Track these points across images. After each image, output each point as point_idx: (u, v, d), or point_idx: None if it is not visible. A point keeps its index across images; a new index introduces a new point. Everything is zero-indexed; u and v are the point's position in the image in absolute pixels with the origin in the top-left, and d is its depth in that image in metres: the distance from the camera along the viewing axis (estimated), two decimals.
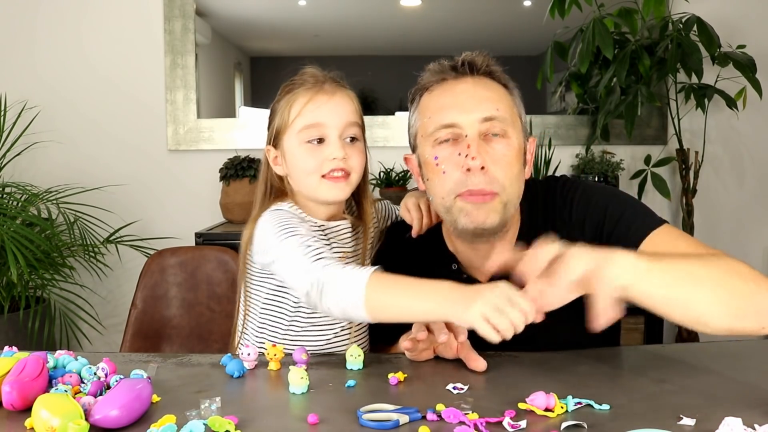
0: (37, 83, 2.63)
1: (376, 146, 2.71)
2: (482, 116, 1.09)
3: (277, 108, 1.21)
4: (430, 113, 1.13)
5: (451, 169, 1.09)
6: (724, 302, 0.89)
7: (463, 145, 1.08)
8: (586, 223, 1.13)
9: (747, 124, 2.65)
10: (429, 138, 1.12)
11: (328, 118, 1.16)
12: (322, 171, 1.15)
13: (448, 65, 1.15)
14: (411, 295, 0.95)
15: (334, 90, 1.19)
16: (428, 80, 1.16)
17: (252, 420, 0.84)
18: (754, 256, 2.69)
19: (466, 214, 1.08)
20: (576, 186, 1.17)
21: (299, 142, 1.16)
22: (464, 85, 1.12)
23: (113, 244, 2.50)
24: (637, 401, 0.89)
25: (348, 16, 2.76)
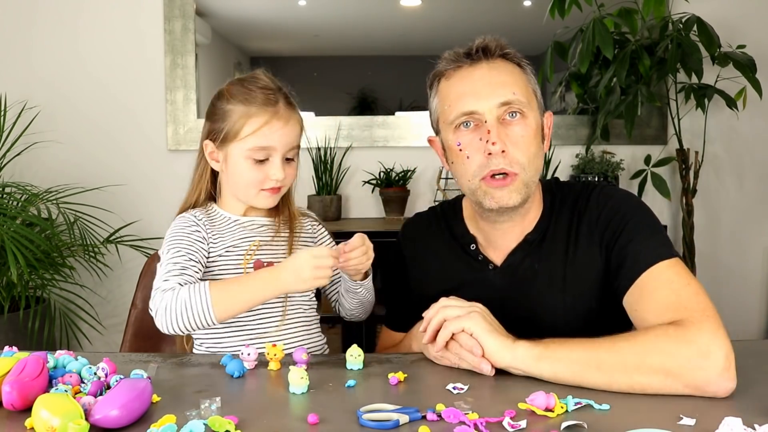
0: (37, 83, 2.63)
1: (376, 146, 2.71)
2: (499, 101, 1.14)
3: (228, 110, 1.25)
4: (449, 101, 1.18)
5: (474, 153, 1.15)
6: (616, 387, 0.93)
7: (483, 131, 1.14)
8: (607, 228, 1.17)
9: (747, 124, 2.64)
10: (450, 125, 1.18)
11: (278, 144, 1.24)
12: (264, 186, 1.26)
13: (462, 52, 1.19)
14: (251, 288, 1.15)
15: (289, 115, 1.26)
16: (444, 67, 1.20)
17: (252, 420, 0.84)
18: (754, 256, 2.69)
19: (491, 196, 1.15)
20: (613, 192, 1.22)
21: (245, 156, 1.24)
22: (480, 71, 1.17)
23: (113, 244, 2.50)
24: (637, 401, 0.89)
25: (348, 16, 2.76)
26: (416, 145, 2.69)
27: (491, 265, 1.24)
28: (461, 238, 1.27)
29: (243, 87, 1.26)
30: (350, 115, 2.74)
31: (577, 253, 1.19)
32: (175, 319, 1.13)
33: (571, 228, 1.21)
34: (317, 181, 2.62)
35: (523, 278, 1.21)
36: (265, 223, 1.32)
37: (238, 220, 1.30)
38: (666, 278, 1.06)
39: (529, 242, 1.22)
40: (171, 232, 1.27)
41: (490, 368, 0.99)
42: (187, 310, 1.12)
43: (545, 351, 0.97)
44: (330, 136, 2.67)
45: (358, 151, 2.70)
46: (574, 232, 1.20)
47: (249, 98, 1.24)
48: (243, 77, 1.30)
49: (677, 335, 0.94)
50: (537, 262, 1.21)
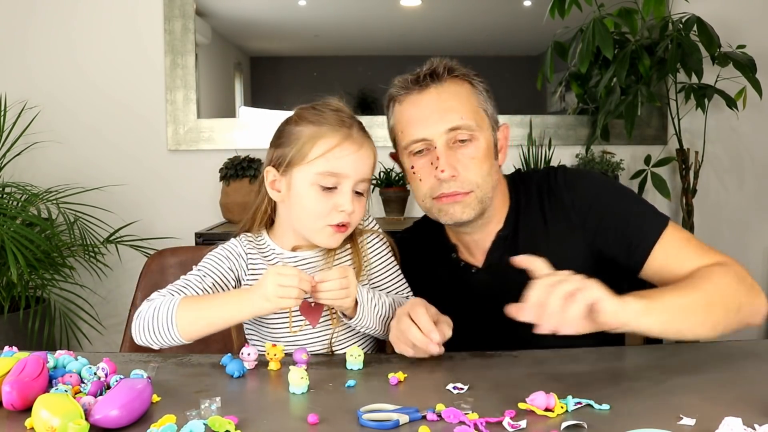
0: (37, 83, 2.63)
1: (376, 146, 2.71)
2: (447, 127, 1.17)
3: (294, 134, 1.16)
4: (401, 127, 1.22)
5: (426, 176, 1.20)
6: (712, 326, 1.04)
7: (433, 156, 1.18)
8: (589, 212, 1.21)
9: (747, 124, 2.65)
10: (405, 149, 1.22)
11: (351, 171, 1.14)
12: (330, 220, 1.14)
13: (410, 79, 1.23)
14: (215, 306, 1.09)
15: (362, 141, 1.17)
16: (396, 93, 1.24)
17: (252, 420, 0.84)
18: (754, 256, 2.69)
19: (444, 213, 1.20)
20: (582, 174, 1.27)
21: (311, 183, 1.14)
22: (428, 97, 1.20)
23: (113, 244, 2.50)
24: (637, 401, 0.89)
25: (348, 16, 2.76)
26: None
27: (473, 268, 1.28)
28: (443, 247, 1.31)
29: (314, 109, 1.18)
30: None
31: (557, 239, 1.22)
32: (142, 329, 1.09)
33: (543, 214, 1.24)
34: None
35: (507, 273, 1.19)
36: (311, 259, 1.21)
37: (282, 253, 1.21)
38: (680, 239, 1.18)
39: (503, 238, 1.25)
40: (209, 254, 1.21)
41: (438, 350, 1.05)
42: (154, 322, 1.07)
43: (650, 303, 0.97)
44: None
45: None
46: (548, 218, 1.24)
47: (320, 119, 1.15)
48: (315, 103, 1.20)
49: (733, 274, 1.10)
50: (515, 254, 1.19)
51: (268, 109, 2.74)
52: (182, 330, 1.07)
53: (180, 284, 1.15)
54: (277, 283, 1.01)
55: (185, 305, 1.08)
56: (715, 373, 1.00)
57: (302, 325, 1.19)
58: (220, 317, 1.08)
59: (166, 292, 1.13)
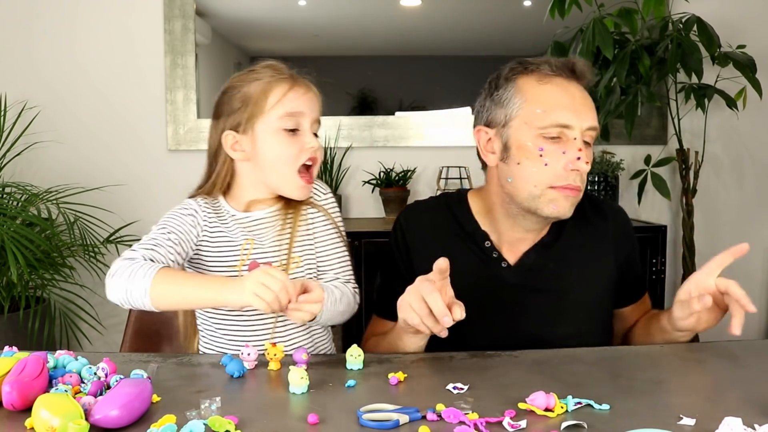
0: (37, 83, 2.63)
1: (376, 146, 2.71)
2: (590, 125, 1.19)
3: (244, 95, 1.22)
4: (544, 106, 1.18)
5: (554, 162, 1.16)
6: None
7: (571, 147, 1.17)
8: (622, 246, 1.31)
9: (747, 124, 2.65)
10: (535, 128, 1.18)
11: (307, 109, 1.23)
12: (300, 160, 1.22)
13: (559, 63, 1.21)
14: (192, 285, 1.10)
15: (308, 84, 1.26)
16: (541, 69, 1.21)
17: (252, 420, 0.84)
18: (754, 256, 2.69)
19: (555, 204, 1.18)
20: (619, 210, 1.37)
21: (275, 130, 1.21)
22: (578, 90, 1.20)
23: (113, 244, 2.50)
24: (637, 401, 0.89)
25: (348, 16, 2.76)
26: (416, 145, 2.69)
27: (505, 262, 1.26)
28: (474, 233, 1.27)
29: (250, 72, 1.25)
30: (350, 115, 2.74)
31: (590, 255, 1.27)
32: (117, 289, 1.10)
33: (584, 231, 1.28)
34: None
35: (538, 276, 1.25)
36: (262, 218, 1.27)
37: (235, 215, 1.27)
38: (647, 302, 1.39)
39: (545, 244, 1.26)
40: (169, 213, 1.25)
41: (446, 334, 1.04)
42: (130, 284, 1.09)
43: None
44: (330, 136, 2.67)
45: (358, 151, 2.70)
46: (588, 236, 1.28)
47: (263, 75, 1.23)
48: (246, 69, 1.27)
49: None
50: (552, 261, 1.25)
51: None
52: (154, 300, 1.09)
53: (149, 244, 1.17)
54: (259, 281, 1.01)
55: (162, 278, 1.08)
56: (715, 373, 1.00)
57: None
58: (192, 298, 1.10)
59: (139, 253, 1.14)
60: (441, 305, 1.00)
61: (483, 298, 1.22)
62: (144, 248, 1.15)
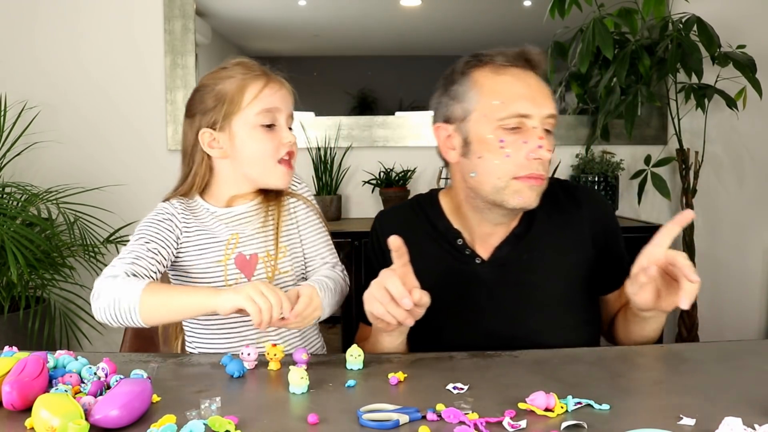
0: (37, 83, 2.63)
1: (376, 146, 2.71)
2: (549, 112, 1.19)
3: (219, 93, 1.22)
4: (501, 98, 1.17)
5: (516, 153, 1.16)
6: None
7: (531, 136, 1.16)
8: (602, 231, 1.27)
9: (747, 124, 2.64)
10: (494, 120, 1.17)
11: (282, 105, 1.24)
12: (279, 155, 1.23)
13: (513, 53, 1.20)
14: (181, 294, 1.09)
15: (281, 80, 1.27)
16: (495, 60, 1.20)
17: (252, 420, 0.84)
18: (754, 256, 2.69)
19: (520, 195, 1.17)
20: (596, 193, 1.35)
21: (253, 126, 1.22)
22: (531, 79, 1.19)
23: (113, 244, 2.49)
24: (637, 401, 0.89)
25: (348, 16, 2.76)
26: (416, 145, 2.69)
27: (478, 258, 1.25)
28: (446, 232, 1.27)
29: (222, 70, 1.26)
30: (350, 115, 2.74)
31: (565, 243, 1.26)
32: (104, 309, 1.10)
33: (556, 220, 1.26)
34: (317, 181, 2.62)
35: (513, 269, 1.24)
36: (243, 213, 1.27)
37: (215, 211, 1.27)
38: None
39: (516, 236, 1.25)
40: (144, 220, 1.24)
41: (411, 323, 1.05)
42: (117, 304, 1.08)
43: None
44: (330, 136, 2.67)
45: (358, 151, 2.70)
46: (561, 224, 1.26)
47: (237, 73, 1.23)
48: (218, 67, 1.27)
49: None
50: (525, 253, 1.24)
51: None
52: (144, 316, 1.08)
53: (130, 258, 1.15)
54: (258, 288, 1.03)
55: (150, 293, 1.07)
56: (715, 373, 1.00)
57: (238, 279, 1.24)
58: (182, 308, 1.08)
59: (120, 269, 1.12)
60: (399, 287, 1.01)
61: (459, 296, 1.23)
62: (125, 263, 1.14)
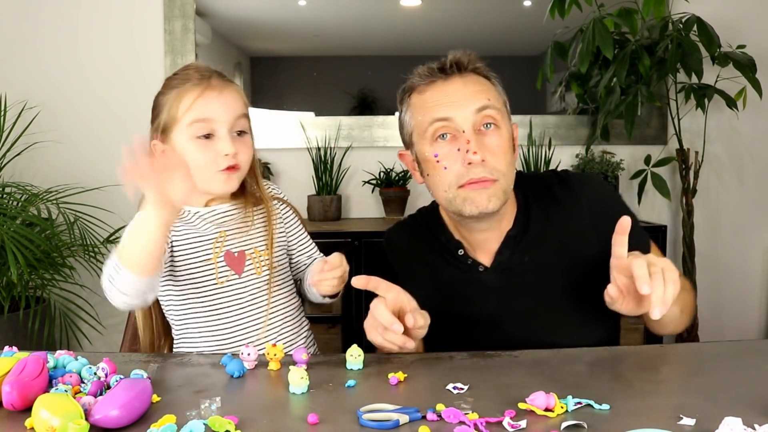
0: (37, 83, 2.63)
1: (376, 146, 2.71)
2: (475, 107, 1.16)
3: (163, 102, 1.22)
4: (423, 111, 1.19)
5: (452, 163, 1.16)
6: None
7: (461, 141, 1.15)
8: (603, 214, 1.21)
9: (747, 124, 2.65)
10: (425, 135, 1.18)
11: (218, 114, 1.20)
12: (218, 167, 1.20)
13: (436, 67, 1.20)
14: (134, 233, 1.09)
15: (222, 85, 1.22)
16: (417, 82, 1.21)
17: (252, 420, 0.84)
18: (754, 256, 2.69)
19: (471, 201, 1.16)
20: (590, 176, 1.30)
21: (189, 138, 1.20)
22: (454, 85, 1.18)
23: (113, 244, 2.49)
24: (637, 401, 0.89)
25: (348, 16, 2.76)
26: None
27: (481, 266, 1.25)
28: (447, 243, 1.28)
29: (173, 77, 1.25)
30: (350, 115, 2.74)
31: (567, 237, 1.23)
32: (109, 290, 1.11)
33: (553, 214, 1.24)
34: (317, 181, 2.62)
35: (517, 272, 1.23)
36: (228, 210, 1.27)
37: (198, 211, 1.26)
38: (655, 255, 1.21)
39: (513, 238, 1.24)
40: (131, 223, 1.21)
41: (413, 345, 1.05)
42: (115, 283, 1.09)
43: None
44: (330, 136, 2.67)
45: (358, 151, 2.70)
46: (556, 218, 1.24)
47: (180, 81, 1.22)
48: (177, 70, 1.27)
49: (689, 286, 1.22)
50: (526, 254, 1.23)
51: (268, 109, 2.74)
52: (133, 269, 1.07)
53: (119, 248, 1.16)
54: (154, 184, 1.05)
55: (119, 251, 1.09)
56: (715, 373, 1.00)
57: (228, 275, 1.24)
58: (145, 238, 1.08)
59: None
60: (386, 316, 1.03)
61: (471, 305, 1.22)
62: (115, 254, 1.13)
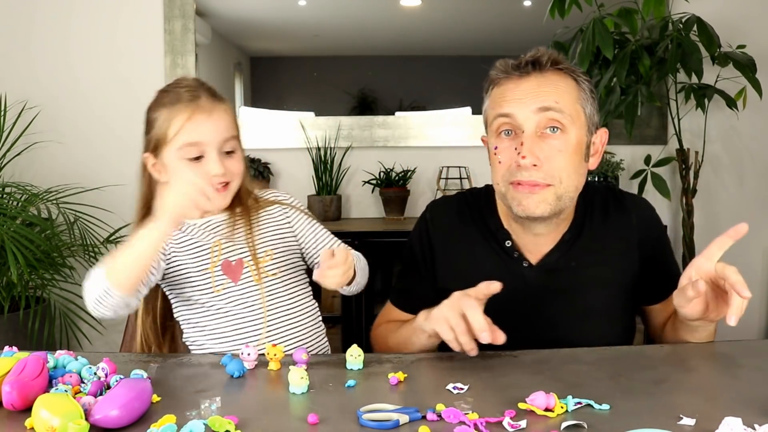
0: (37, 83, 2.63)
1: (376, 146, 2.71)
2: (537, 106, 1.13)
3: (155, 118, 1.24)
4: (493, 105, 1.19)
5: (506, 159, 1.16)
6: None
7: (518, 141, 1.14)
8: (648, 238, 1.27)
9: (747, 124, 2.65)
10: (491, 128, 1.20)
11: (207, 137, 1.21)
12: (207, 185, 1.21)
13: (512, 64, 1.19)
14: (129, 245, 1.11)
15: (212, 106, 1.23)
16: (496, 75, 1.21)
17: (252, 420, 0.84)
18: (754, 256, 2.69)
19: (518, 203, 1.15)
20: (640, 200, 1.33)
21: (179, 158, 1.21)
22: (528, 83, 1.17)
23: (113, 244, 2.49)
24: (637, 401, 0.89)
25: (348, 16, 2.76)
26: (416, 145, 2.69)
27: (526, 262, 1.23)
28: (496, 232, 1.26)
29: (164, 92, 1.26)
30: (350, 115, 2.74)
31: (613, 251, 1.24)
32: (94, 304, 1.13)
33: (605, 227, 1.25)
34: (317, 181, 2.62)
35: (561, 276, 1.22)
36: (223, 220, 1.28)
37: (195, 223, 1.28)
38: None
39: (566, 242, 1.23)
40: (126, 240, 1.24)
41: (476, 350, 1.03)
42: (94, 291, 1.11)
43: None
44: (330, 136, 2.67)
45: (358, 151, 2.70)
46: (609, 232, 1.25)
47: (170, 100, 1.23)
48: (168, 84, 1.28)
49: None
50: (574, 260, 1.23)
51: (268, 109, 2.74)
52: (116, 284, 1.10)
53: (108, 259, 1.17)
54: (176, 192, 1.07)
55: (107, 265, 1.11)
56: (715, 373, 1.00)
57: (224, 283, 1.24)
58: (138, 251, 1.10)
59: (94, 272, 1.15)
60: (482, 321, 1.01)
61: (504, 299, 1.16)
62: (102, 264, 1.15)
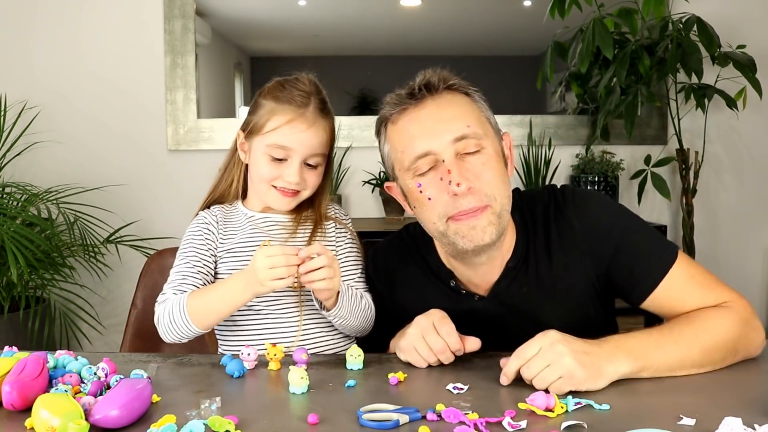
0: (37, 83, 2.63)
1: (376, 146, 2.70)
2: (453, 137, 1.07)
3: (261, 104, 1.26)
4: (401, 147, 1.11)
5: (437, 194, 1.08)
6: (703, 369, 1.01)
7: (443, 170, 1.07)
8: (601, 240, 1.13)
9: (747, 124, 2.64)
10: (407, 171, 1.11)
11: (298, 146, 1.22)
12: (273, 183, 1.25)
13: (404, 93, 1.12)
14: (220, 293, 1.16)
15: (315, 119, 1.23)
16: (389, 112, 1.13)
17: (252, 420, 0.84)
18: (754, 257, 2.69)
19: (462, 236, 1.08)
20: (591, 197, 1.18)
21: (263, 152, 1.24)
22: (426, 110, 1.10)
23: (113, 244, 2.50)
24: (637, 401, 0.89)
25: (348, 16, 2.76)
26: None
27: (476, 296, 1.19)
28: (438, 272, 1.21)
29: (280, 84, 1.27)
30: (350, 115, 2.74)
31: (562, 265, 1.15)
32: (166, 331, 1.18)
33: (550, 241, 1.16)
34: None
35: (514, 303, 1.17)
36: (279, 221, 1.30)
37: (253, 216, 1.30)
38: (685, 276, 1.12)
39: (513, 269, 1.16)
40: (186, 234, 1.29)
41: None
42: (173, 323, 1.17)
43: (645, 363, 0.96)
44: None
45: (358, 151, 2.70)
46: (553, 244, 1.15)
47: (281, 96, 1.24)
48: (288, 77, 1.28)
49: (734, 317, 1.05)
50: (524, 285, 1.16)
51: None
52: (198, 323, 1.16)
53: (177, 281, 1.22)
54: (266, 267, 1.08)
55: (193, 302, 1.16)
56: (715, 373, 1.00)
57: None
58: (224, 305, 1.15)
59: (169, 291, 1.20)
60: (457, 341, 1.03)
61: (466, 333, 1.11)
62: (173, 287, 1.21)
